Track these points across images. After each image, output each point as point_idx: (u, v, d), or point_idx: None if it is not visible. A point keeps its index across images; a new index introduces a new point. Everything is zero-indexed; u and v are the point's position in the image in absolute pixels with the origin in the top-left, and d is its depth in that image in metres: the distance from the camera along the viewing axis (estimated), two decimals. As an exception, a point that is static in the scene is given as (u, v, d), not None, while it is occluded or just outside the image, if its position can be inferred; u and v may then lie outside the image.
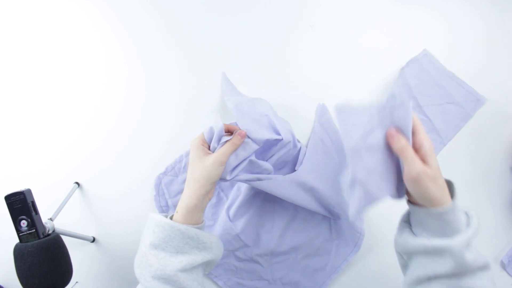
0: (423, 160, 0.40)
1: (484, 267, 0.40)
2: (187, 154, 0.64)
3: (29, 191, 0.49)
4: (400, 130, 0.40)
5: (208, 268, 0.51)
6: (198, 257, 0.46)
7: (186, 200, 0.47)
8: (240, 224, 0.62)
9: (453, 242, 0.39)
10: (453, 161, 0.65)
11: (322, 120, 0.64)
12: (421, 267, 0.42)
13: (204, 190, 0.48)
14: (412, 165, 0.39)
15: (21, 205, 0.47)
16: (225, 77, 0.63)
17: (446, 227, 0.40)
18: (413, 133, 0.41)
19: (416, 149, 0.40)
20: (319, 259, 0.64)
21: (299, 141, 0.62)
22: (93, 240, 0.64)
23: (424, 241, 0.41)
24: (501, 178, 0.66)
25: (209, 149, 0.51)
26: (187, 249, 0.46)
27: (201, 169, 0.48)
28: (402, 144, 0.40)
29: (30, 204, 0.48)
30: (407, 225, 0.45)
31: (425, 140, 0.40)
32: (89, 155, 0.64)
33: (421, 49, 0.65)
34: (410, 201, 0.44)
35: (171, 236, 0.45)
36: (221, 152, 0.49)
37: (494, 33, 0.65)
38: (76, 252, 0.61)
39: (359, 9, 0.64)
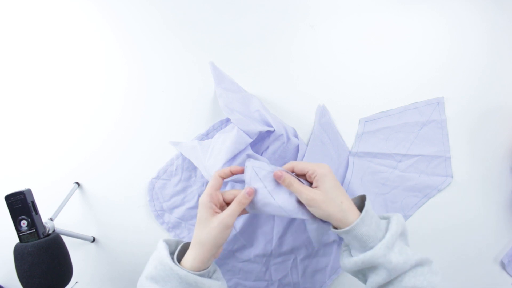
0: (316, 186, 0.45)
1: (420, 264, 0.42)
2: (178, 157, 0.64)
3: (29, 191, 0.49)
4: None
5: None
6: None
7: (190, 261, 0.46)
8: (239, 224, 0.62)
9: (374, 252, 0.42)
10: (453, 161, 0.65)
11: (322, 121, 0.64)
12: (369, 282, 0.44)
13: (209, 253, 0.46)
14: (301, 195, 0.45)
15: (21, 205, 0.47)
16: (214, 67, 0.61)
17: (365, 240, 0.43)
18: (302, 172, 0.47)
19: (312, 178, 0.46)
20: (319, 260, 0.64)
21: (298, 138, 0.62)
22: (93, 240, 0.64)
23: (354, 259, 0.44)
24: (501, 178, 0.66)
25: (218, 205, 0.48)
26: None
27: (206, 232, 0.46)
28: (288, 181, 0.46)
29: (30, 204, 0.48)
30: (347, 248, 0.48)
31: (316, 168, 0.46)
32: (89, 155, 0.64)
33: (422, 48, 0.65)
34: (333, 227, 0.47)
35: (170, 277, 0.44)
36: (226, 214, 0.46)
37: (495, 33, 0.65)
38: (76, 252, 0.61)
39: (360, 9, 0.64)
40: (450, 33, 0.65)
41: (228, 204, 0.48)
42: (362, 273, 0.46)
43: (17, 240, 0.48)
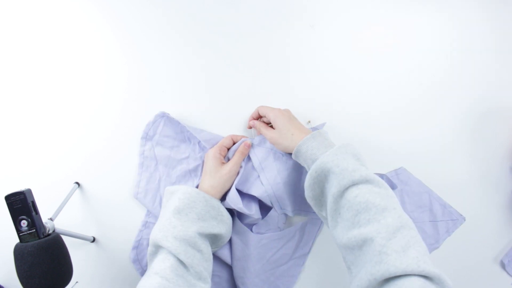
0: (274, 127, 0.55)
1: (366, 181, 0.44)
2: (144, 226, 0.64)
3: (29, 191, 0.48)
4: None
5: (215, 245, 0.55)
6: (215, 228, 0.53)
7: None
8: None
9: (323, 157, 0.46)
10: (453, 161, 0.65)
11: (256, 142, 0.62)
12: (329, 193, 0.47)
13: (218, 196, 0.56)
14: (266, 136, 0.56)
15: (21, 205, 0.47)
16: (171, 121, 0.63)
17: (315, 153, 0.48)
18: (264, 115, 0.57)
19: (271, 122, 0.56)
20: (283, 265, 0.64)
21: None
22: (93, 240, 0.64)
23: (309, 172, 0.48)
24: (500, 178, 0.66)
25: (224, 157, 0.59)
26: (207, 218, 0.52)
27: (218, 177, 0.56)
28: (258, 127, 0.58)
29: (30, 204, 0.48)
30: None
31: (270, 114, 0.55)
32: (89, 155, 0.64)
33: (423, 48, 0.65)
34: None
35: (196, 202, 0.52)
36: (233, 163, 0.57)
37: (495, 32, 0.65)
38: (76, 252, 0.61)
39: (361, 8, 0.65)
40: (451, 34, 0.65)
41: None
42: (319, 193, 0.48)
43: (17, 240, 0.48)
